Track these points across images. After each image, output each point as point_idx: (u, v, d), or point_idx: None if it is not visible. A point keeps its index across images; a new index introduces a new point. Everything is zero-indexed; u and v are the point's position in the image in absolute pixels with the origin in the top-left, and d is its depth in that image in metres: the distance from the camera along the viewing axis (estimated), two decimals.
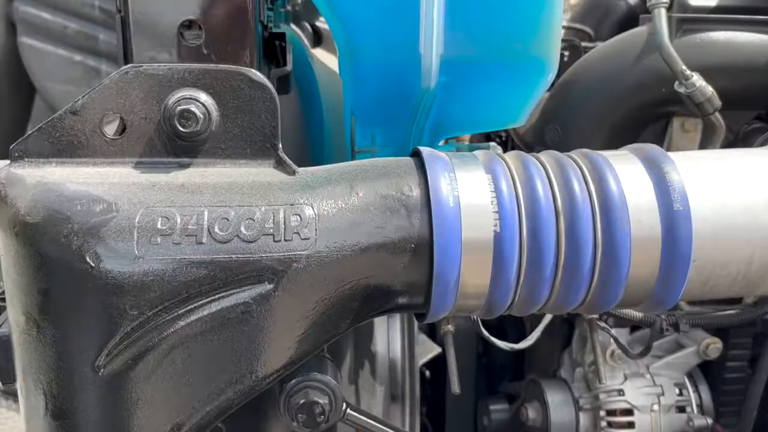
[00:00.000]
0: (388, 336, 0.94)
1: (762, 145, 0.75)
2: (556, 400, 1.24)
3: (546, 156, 0.62)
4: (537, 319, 1.06)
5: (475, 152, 0.62)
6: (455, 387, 0.63)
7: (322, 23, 1.17)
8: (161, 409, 0.53)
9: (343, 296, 0.54)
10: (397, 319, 0.96)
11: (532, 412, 1.26)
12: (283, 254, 0.51)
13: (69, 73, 2.38)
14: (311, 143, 0.81)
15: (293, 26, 1.11)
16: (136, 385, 0.52)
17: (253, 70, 0.56)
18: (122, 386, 0.52)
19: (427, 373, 1.61)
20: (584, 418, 1.23)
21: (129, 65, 0.55)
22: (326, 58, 1.13)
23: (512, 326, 1.49)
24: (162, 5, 0.59)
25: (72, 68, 2.36)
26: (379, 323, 0.94)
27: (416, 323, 0.99)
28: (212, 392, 0.53)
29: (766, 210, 0.61)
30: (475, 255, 0.56)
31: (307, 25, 1.18)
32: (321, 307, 0.54)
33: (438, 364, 1.52)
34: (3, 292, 0.66)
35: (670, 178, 0.59)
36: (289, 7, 1.05)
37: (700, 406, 1.22)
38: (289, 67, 0.69)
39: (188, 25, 0.60)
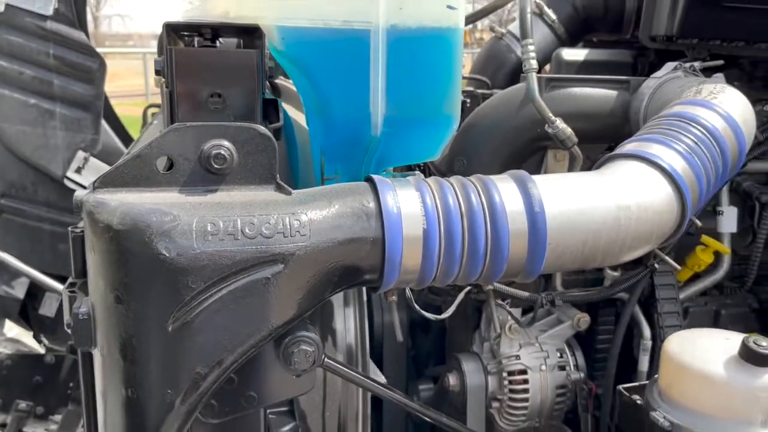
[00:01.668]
0: (344, 318, 1.17)
1: (596, 169, 1.03)
2: (470, 368, 1.46)
3: (454, 180, 0.85)
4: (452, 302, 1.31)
5: (408, 178, 0.86)
6: (399, 336, 0.86)
7: (280, 81, 1.39)
8: (209, 352, 0.73)
9: (328, 273, 0.76)
10: (351, 306, 1.19)
11: (452, 380, 1.46)
12: (290, 246, 0.73)
13: (24, 116, 2.44)
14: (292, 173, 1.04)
15: None
16: (192, 336, 0.72)
17: (260, 126, 0.77)
18: (183, 338, 0.72)
19: None
20: (491, 380, 1.46)
21: (176, 123, 0.76)
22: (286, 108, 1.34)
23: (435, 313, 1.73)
24: (196, 83, 0.80)
25: (27, 111, 2.42)
26: (338, 309, 1.17)
27: (366, 311, 1.22)
28: (242, 338, 0.74)
29: (592, 211, 0.87)
30: (411, 245, 0.78)
31: (268, 83, 1.39)
32: (313, 280, 0.75)
33: (375, 359, 1.73)
34: (70, 285, 0.85)
35: (532, 192, 0.83)
36: None
37: (576, 366, 1.48)
38: (280, 123, 0.91)
39: (212, 95, 0.82)
